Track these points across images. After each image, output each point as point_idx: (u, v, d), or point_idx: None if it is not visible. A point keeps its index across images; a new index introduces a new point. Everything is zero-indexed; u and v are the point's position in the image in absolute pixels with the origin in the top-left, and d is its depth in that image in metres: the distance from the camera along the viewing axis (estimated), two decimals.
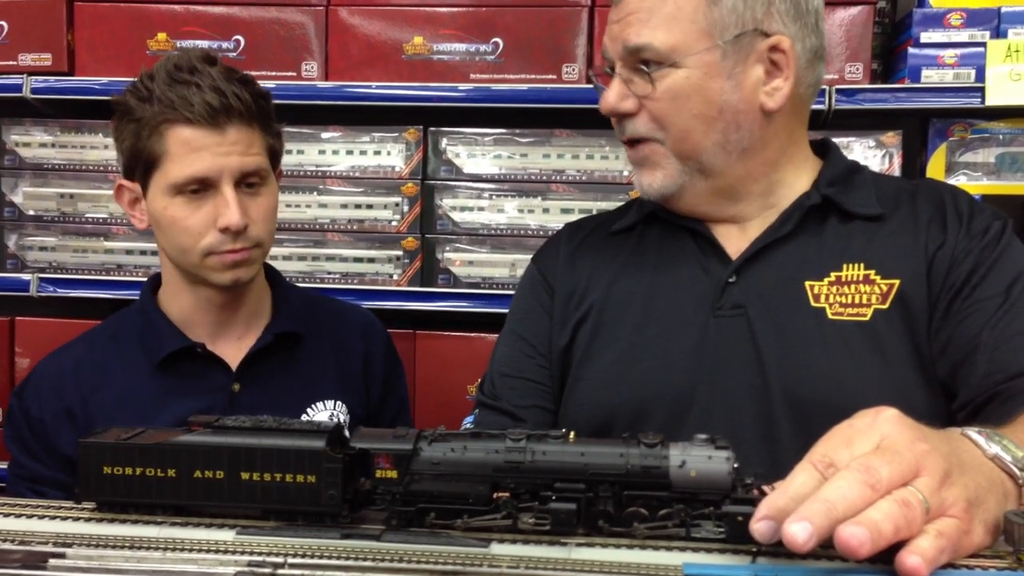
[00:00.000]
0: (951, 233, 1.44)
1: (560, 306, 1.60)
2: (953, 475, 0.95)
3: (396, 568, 0.96)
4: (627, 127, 1.48)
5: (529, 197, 2.53)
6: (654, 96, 1.43)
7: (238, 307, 1.86)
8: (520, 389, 1.60)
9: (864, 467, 0.90)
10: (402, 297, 2.54)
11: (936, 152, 2.48)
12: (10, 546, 0.97)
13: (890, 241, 1.46)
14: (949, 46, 2.37)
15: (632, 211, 1.64)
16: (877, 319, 1.41)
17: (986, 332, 1.37)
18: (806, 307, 1.43)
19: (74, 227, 2.65)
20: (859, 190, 1.51)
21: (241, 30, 2.55)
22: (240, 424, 1.05)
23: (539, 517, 1.01)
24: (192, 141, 1.66)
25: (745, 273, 1.48)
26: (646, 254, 1.58)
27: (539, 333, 1.61)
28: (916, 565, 0.86)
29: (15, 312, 2.70)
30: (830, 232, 1.48)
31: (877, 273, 1.43)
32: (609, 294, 1.56)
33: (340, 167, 2.59)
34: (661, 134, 1.45)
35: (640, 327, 1.51)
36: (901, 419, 0.98)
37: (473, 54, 2.50)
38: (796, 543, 0.86)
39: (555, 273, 1.64)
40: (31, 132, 2.65)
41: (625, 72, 1.46)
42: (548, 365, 1.60)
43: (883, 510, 0.87)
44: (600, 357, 1.53)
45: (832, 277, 1.45)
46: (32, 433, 1.83)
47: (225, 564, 0.93)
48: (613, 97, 1.46)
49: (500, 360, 1.65)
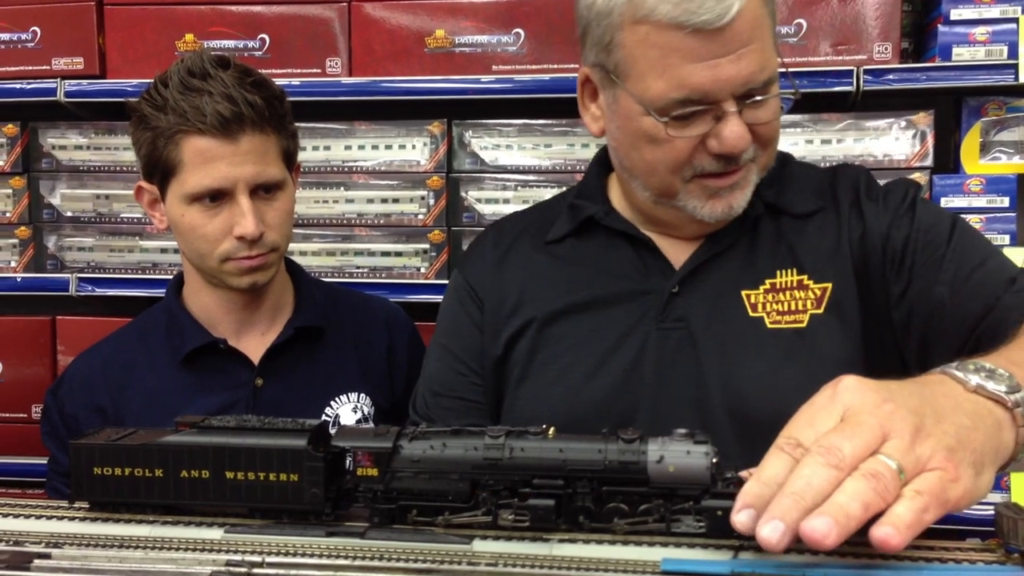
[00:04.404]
0: (869, 217, 1.42)
1: (490, 316, 1.56)
2: (926, 427, 0.92)
3: (379, 567, 0.97)
4: (743, 157, 1.36)
5: (554, 187, 2.52)
6: (766, 120, 1.35)
7: (260, 304, 1.88)
8: (453, 409, 1.57)
9: (826, 448, 0.88)
10: (430, 290, 2.55)
11: (970, 131, 2.43)
12: (1, 546, 0.99)
13: (817, 240, 1.44)
14: (980, 23, 2.31)
15: (563, 217, 1.57)
16: (814, 324, 1.39)
17: (940, 288, 1.35)
18: (744, 317, 1.41)
19: (110, 227, 2.71)
20: (792, 186, 1.48)
21: (266, 28, 2.58)
22: (224, 424, 1.07)
23: (518, 513, 1.01)
24: (206, 151, 1.67)
25: (688, 284, 1.45)
26: (585, 266, 1.52)
27: (470, 348, 1.57)
28: (885, 535, 0.84)
29: (56, 311, 2.77)
30: (763, 235, 1.46)
31: (810, 278, 1.42)
32: (547, 310, 1.51)
33: (366, 162, 2.60)
34: (760, 152, 1.39)
35: (580, 345, 1.47)
36: (861, 384, 0.96)
37: (495, 45, 2.50)
38: (771, 544, 0.85)
39: (483, 283, 1.59)
40: (66, 135, 2.71)
41: (739, 106, 1.32)
42: (481, 382, 1.56)
43: (849, 490, 0.86)
44: (539, 377, 1.49)
45: (767, 285, 1.42)
46: (67, 429, 1.88)
47: (203, 563, 0.94)
48: (747, 135, 1.33)
49: (432, 377, 1.61)
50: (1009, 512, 0.95)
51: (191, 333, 1.84)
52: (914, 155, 2.39)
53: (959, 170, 2.44)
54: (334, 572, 0.95)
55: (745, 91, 1.31)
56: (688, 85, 1.29)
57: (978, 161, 2.43)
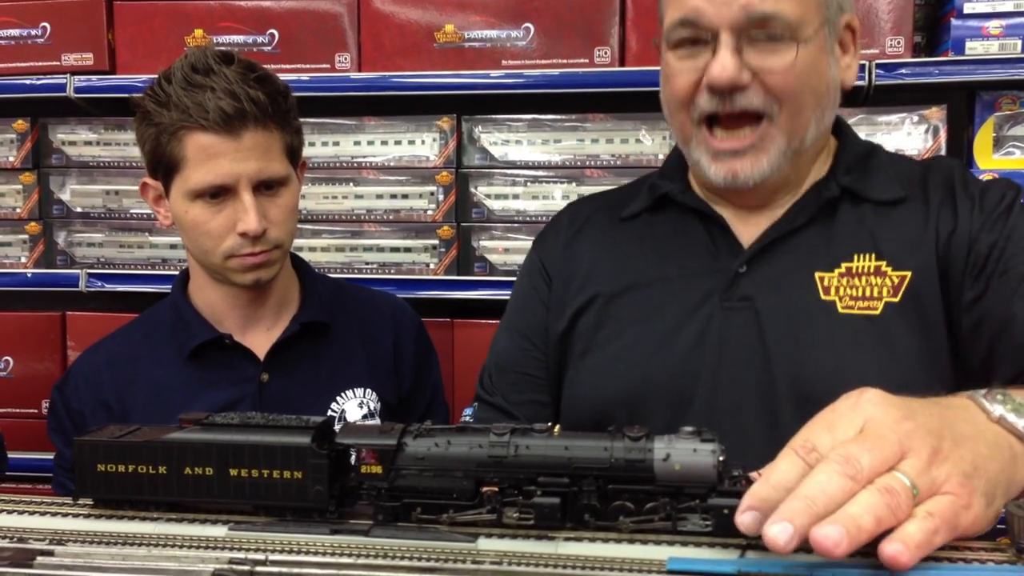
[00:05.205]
0: (963, 215, 1.38)
1: (558, 293, 1.56)
2: (944, 450, 0.91)
3: (383, 565, 0.96)
4: (738, 100, 1.34)
5: (564, 183, 2.51)
6: (775, 69, 1.32)
7: (265, 300, 1.88)
8: (516, 384, 1.58)
9: (844, 457, 0.87)
10: (439, 286, 2.55)
11: (983, 126, 2.41)
12: (5, 543, 0.99)
13: (901, 229, 1.40)
14: (994, 16, 2.29)
15: (642, 194, 1.57)
16: (888, 312, 1.36)
17: (1018, 301, 1.31)
18: (816, 300, 1.39)
19: (120, 223, 2.71)
20: (877, 174, 1.45)
21: (275, 24, 2.58)
22: (228, 421, 1.06)
23: (523, 511, 1.01)
24: (209, 148, 1.67)
25: (756, 264, 1.43)
26: (655, 243, 1.52)
27: (535, 325, 1.58)
28: (895, 553, 0.83)
29: (66, 307, 2.78)
30: (842, 219, 1.43)
31: (888, 264, 1.38)
32: (614, 285, 1.51)
33: (375, 158, 2.60)
34: (775, 109, 1.34)
35: (644, 320, 1.47)
36: (885, 398, 0.95)
37: (504, 40, 2.49)
38: (778, 545, 0.84)
39: (553, 259, 1.60)
40: (76, 131, 2.72)
41: (735, 41, 1.31)
42: (544, 357, 1.57)
43: (863, 502, 0.85)
44: (601, 349, 1.49)
45: (843, 268, 1.39)
46: (73, 425, 1.88)
47: (206, 561, 0.94)
48: (733, 67, 1.31)
49: (498, 353, 1.64)
50: (1020, 511, 0.93)
51: (197, 328, 1.84)
52: (927, 150, 2.37)
53: (972, 165, 2.42)
54: (337, 570, 0.94)
55: (745, 22, 1.30)
56: (685, 5, 1.32)
57: (991, 156, 2.41)
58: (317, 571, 0.94)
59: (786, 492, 0.87)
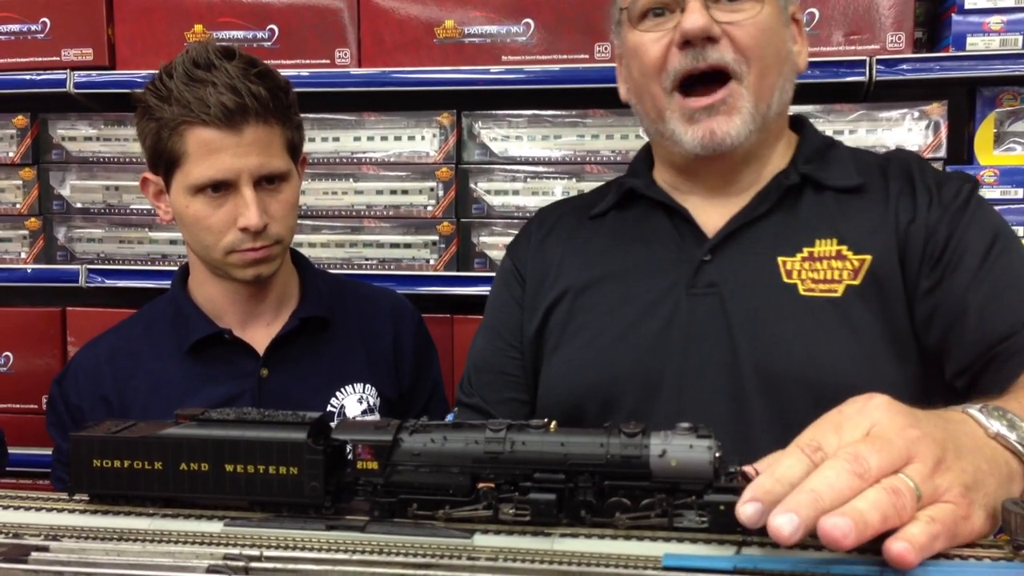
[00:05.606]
0: (921, 206, 1.41)
1: (531, 293, 1.60)
2: (947, 460, 0.92)
3: (379, 561, 0.96)
4: (710, 53, 1.38)
5: (564, 178, 2.51)
6: (743, 23, 1.38)
7: (265, 295, 1.88)
8: (493, 384, 1.61)
9: (852, 456, 0.88)
10: (439, 282, 2.55)
11: (984, 122, 2.41)
12: (1, 539, 0.99)
13: (862, 215, 1.43)
14: (995, 11, 2.29)
15: (610, 193, 1.62)
16: (849, 295, 1.39)
17: (971, 295, 1.34)
18: (778, 284, 1.41)
19: (119, 219, 2.71)
20: (836, 164, 1.49)
21: (275, 19, 2.57)
22: (224, 417, 1.06)
23: (519, 508, 1.00)
24: (210, 143, 1.67)
25: (720, 252, 1.46)
26: (621, 236, 1.56)
27: (511, 325, 1.61)
28: (902, 551, 0.84)
29: (66, 303, 2.78)
30: (804, 207, 1.46)
31: (849, 248, 1.41)
32: (582, 279, 1.54)
33: (375, 153, 2.60)
34: (744, 68, 1.39)
35: (612, 311, 1.49)
36: (892, 405, 0.96)
37: (504, 36, 2.49)
38: (782, 535, 0.84)
39: (525, 261, 1.64)
40: (76, 126, 2.72)
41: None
42: (520, 356, 1.60)
43: (870, 499, 0.85)
44: (571, 342, 1.52)
45: (804, 253, 1.42)
46: (72, 419, 1.88)
47: (201, 557, 0.94)
48: (704, 17, 1.36)
49: (475, 355, 1.67)
50: (1017, 508, 0.93)
51: (197, 323, 1.85)
52: (927, 146, 2.37)
53: (973, 161, 2.42)
54: (333, 566, 0.94)
55: None
56: None
57: (992, 152, 2.41)
58: (313, 567, 0.94)
59: (790, 487, 0.87)
